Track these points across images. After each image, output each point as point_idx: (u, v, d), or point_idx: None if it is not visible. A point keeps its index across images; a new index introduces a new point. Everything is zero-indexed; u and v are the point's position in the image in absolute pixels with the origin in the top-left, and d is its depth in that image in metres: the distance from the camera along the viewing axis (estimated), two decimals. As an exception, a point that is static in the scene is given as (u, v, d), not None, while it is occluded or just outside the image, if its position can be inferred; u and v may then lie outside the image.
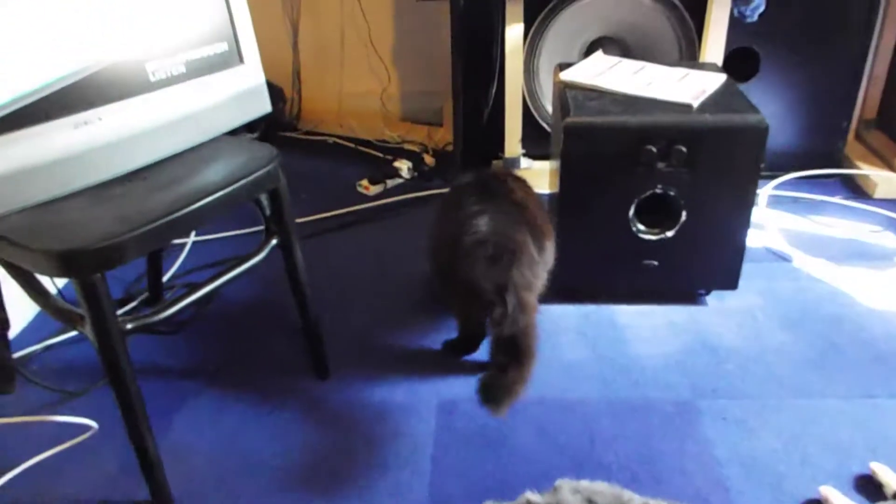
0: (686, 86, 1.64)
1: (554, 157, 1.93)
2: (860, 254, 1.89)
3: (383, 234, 2.07)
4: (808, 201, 2.15)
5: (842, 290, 1.75)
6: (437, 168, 2.42)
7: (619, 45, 2.15)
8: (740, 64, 2.15)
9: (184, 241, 1.98)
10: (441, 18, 2.48)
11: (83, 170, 1.10)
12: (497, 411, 1.26)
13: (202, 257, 1.94)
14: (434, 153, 2.49)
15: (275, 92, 2.64)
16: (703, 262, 1.65)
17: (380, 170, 2.36)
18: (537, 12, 2.09)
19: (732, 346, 1.57)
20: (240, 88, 1.33)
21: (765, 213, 2.08)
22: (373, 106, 2.77)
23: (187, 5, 1.23)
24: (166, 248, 1.66)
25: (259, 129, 2.52)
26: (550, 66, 2.14)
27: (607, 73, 1.74)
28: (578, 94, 1.64)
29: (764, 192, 2.18)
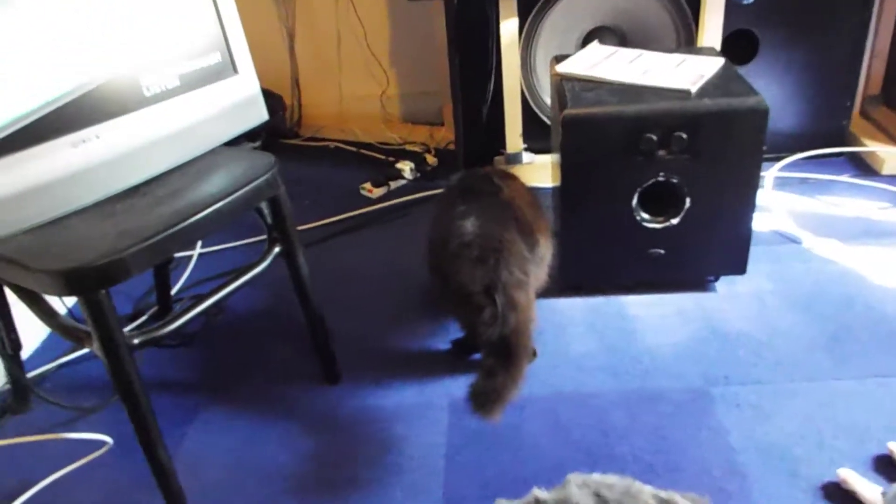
0: (684, 72, 1.63)
1: (554, 150, 1.92)
2: (869, 232, 1.87)
3: (389, 235, 2.07)
4: (815, 182, 2.13)
5: (852, 269, 1.73)
6: (440, 168, 2.42)
7: (615, 34, 2.14)
8: (739, 47, 2.14)
9: (190, 254, 1.99)
10: (436, 17, 2.48)
11: (84, 188, 1.10)
12: (488, 417, 1.22)
13: (210, 269, 1.95)
14: (436, 153, 2.49)
15: (274, 100, 2.65)
16: (710, 248, 1.64)
17: (382, 172, 2.36)
18: (532, 5, 2.08)
19: (743, 331, 1.56)
20: (235, 99, 1.33)
21: (772, 196, 2.06)
22: (373, 109, 2.77)
23: (178, 18, 1.23)
24: (172, 262, 1.67)
25: (260, 138, 2.53)
26: (547, 60, 2.12)
27: (603, 62, 1.73)
28: (575, 86, 1.63)
29: (770, 175, 2.16)
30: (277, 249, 1.30)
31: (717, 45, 2.06)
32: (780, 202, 2.04)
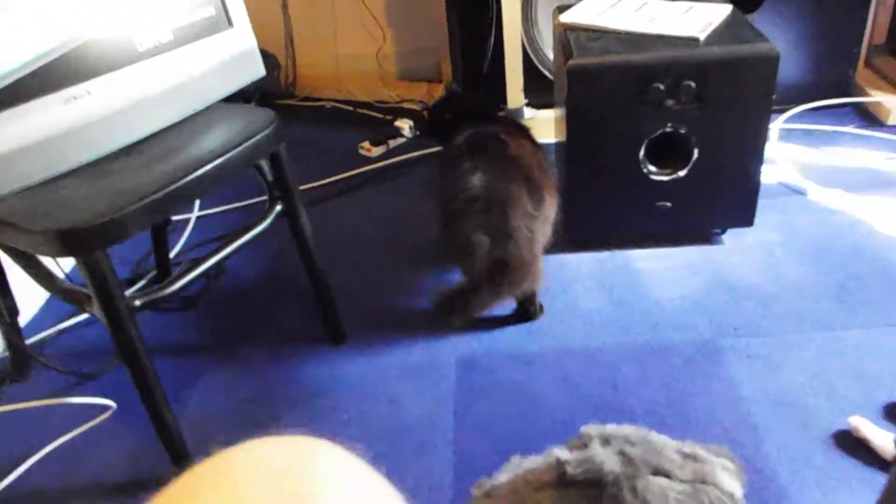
0: (691, 19, 1.59)
1: (558, 104, 1.88)
2: (876, 182, 1.85)
3: (389, 194, 2.04)
4: (820, 133, 2.10)
5: (859, 219, 1.71)
6: (439, 125, 2.37)
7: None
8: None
9: (187, 217, 1.95)
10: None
11: (77, 146, 1.07)
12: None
13: (207, 232, 1.92)
14: (435, 110, 2.44)
15: (268, 59, 2.57)
16: (718, 200, 1.61)
17: (381, 131, 2.32)
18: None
19: (751, 283, 1.55)
20: (231, 53, 1.29)
21: (777, 148, 2.03)
22: (369, 67, 2.72)
23: (169, -32, 1.18)
24: (169, 224, 1.63)
25: (254, 99, 2.47)
26: (548, 12, 2.07)
27: (608, 11, 1.69)
28: (580, 36, 1.59)
29: (775, 127, 2.12)
30: (279, 208, 1.27)
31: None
32: (786, 154, 2.01)
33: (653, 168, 1.58)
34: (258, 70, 1.35)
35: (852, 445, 1.15)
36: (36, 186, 1.02)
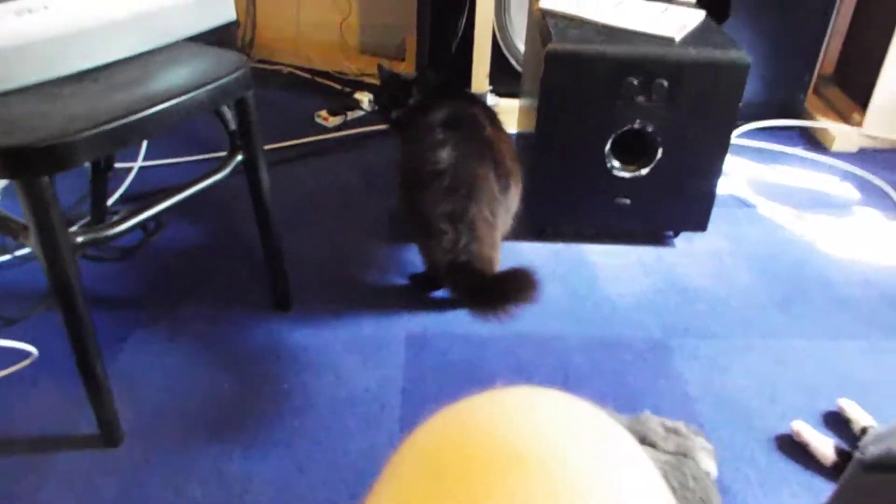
0: (667, 19, 1.59)
1: (525, 94, 1.87)
2: (820, 203, 1.90)
3: (345, 166, 1.98)
4: (769, 151, 2.16)
5: (804, 236, 1.76)
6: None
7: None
8: (711, 8, 2.11)
9: (128, 166, 1.84)
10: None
11: (29, 63, 0.98)
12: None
13: (145, 185, 1.81)
14: (394, 88, 2.38)
15: (226, 15, 2.47)
16: (676, 202, 1.63)
17: (339, 101, 2.25)
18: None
19: (702, 287, 1.56)
20: (202, -11, 1.21)
21: (729, 161, 2.07)
22: (331, 37, 2.63)
23: None
24: (112, 168, 1.52)
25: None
26: (522, 0, 2.06)
27: (588, 3, 1.68)
28: (560, 22, 1.57)
29: (728, 140, 2.16)
30: (240, 158, 1.20)
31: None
32: (737, 168, 2.05)
33: (616, 163, 1.58)
34: (229, 13, 1.28)
35: (793, 449, 1.17)
36: (-23, 100, 0.92)
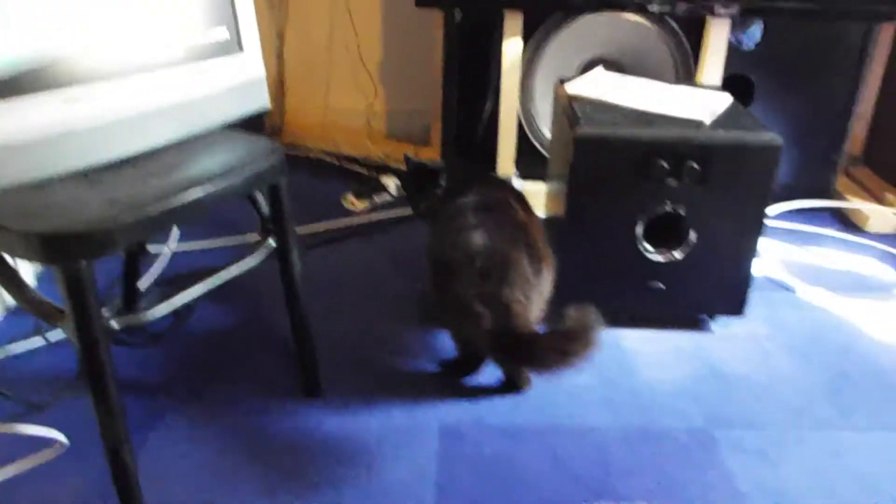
0: (695, 103, 1.60)
1: (552, 178, 1.86)
2: (859, 285, 1.86)
3: (372, 249, 1.97)
4: (803, 233, 2.13)
5: (846, 320, 1.70)
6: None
7: (614, 67, 2.12)
8: (734, 92, 2.14)
9: (159, 251, 1.85)
10: (432, 33, 2.42)
11: (73, 150, 0.98)
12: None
13: (176, 268, 1.81)
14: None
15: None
16: (711, 285, 1.59)
17: (366, 185, 2.27)
18: (534, 29, 2.04)
19: (742, 374, 1.51)
20: (238, 78, 1.24)
21: (763, 243, 2.04)
22: (358, 122, 2.69)
23: (190, -16, 1.14)
24: (144, 252, 1.52)
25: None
26: (546, 85, 2.09)
27: (613, 87, 1.69)
28: (587, 107, 1.58)
29: (758, 222, 2.14)
30: (272, 243, 1.19)
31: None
32: (771, 250, 2.02)
33: (649, 247, 1.56)
34: (263, 100, 1.30)
35: (856, 551, 1.10)
36: (24, 187, 0.93)
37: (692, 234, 1.53)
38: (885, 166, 2.31)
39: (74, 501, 1.14)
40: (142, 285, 1.69)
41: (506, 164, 2.16)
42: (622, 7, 1.96)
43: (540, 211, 1.86)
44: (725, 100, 1.65)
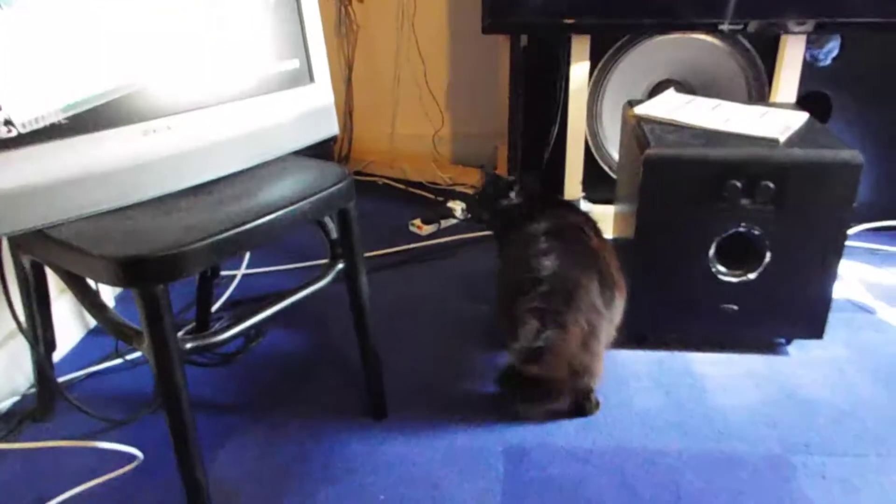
0: (769, 121, 1.56)
1: (621, 200, 1.84)
2: (948, 308, 1.76)
3: (438, 273, 1.99)
4: (885, 253, 2.04)
5: (934, 344, 1.62)
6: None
7: (684, 88, 2.09)
8: (811, 110, 2.07)
9: (233, 273, 1.91)
10: (498, 60, 2.45)
11: (150, 180, 1.04)
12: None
13: (247, 291, 1.87)
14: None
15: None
16: (787, 307, 1.53)
17: (433, 210, 2.29)
18: (602, 53, 2.04)
19: (821, 399, 1.45)
20: (309, 107, 1.28)
21: (842, 264, 1.96)
22: (424, 148, 2.73)
23: (263, 19, 1.19)
24: (218, 276, 1.58)
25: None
26: (614, 108, 2.07)
27: (683, 108, 1.67)
28: (656, 128, 1.57)
29: (838, 242, 2.06)
30: (341, 266, 1.22)
31: (791, 105, 1.99)
32: (851, 271, 1.94)
33: (722, 268, 1.52)
34: (332, 128, 1.34)
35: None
36: (104, 214, 0.98)
37: (767, 254, 1.49)
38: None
39: (151, 515, 1.19)
40: (214, 308, 1.75)
41: (573, 187, 2.15)
42: (692, 28, 1.94)
43: (608, 233, 1.85)
44: (801, 117, 1.61)
